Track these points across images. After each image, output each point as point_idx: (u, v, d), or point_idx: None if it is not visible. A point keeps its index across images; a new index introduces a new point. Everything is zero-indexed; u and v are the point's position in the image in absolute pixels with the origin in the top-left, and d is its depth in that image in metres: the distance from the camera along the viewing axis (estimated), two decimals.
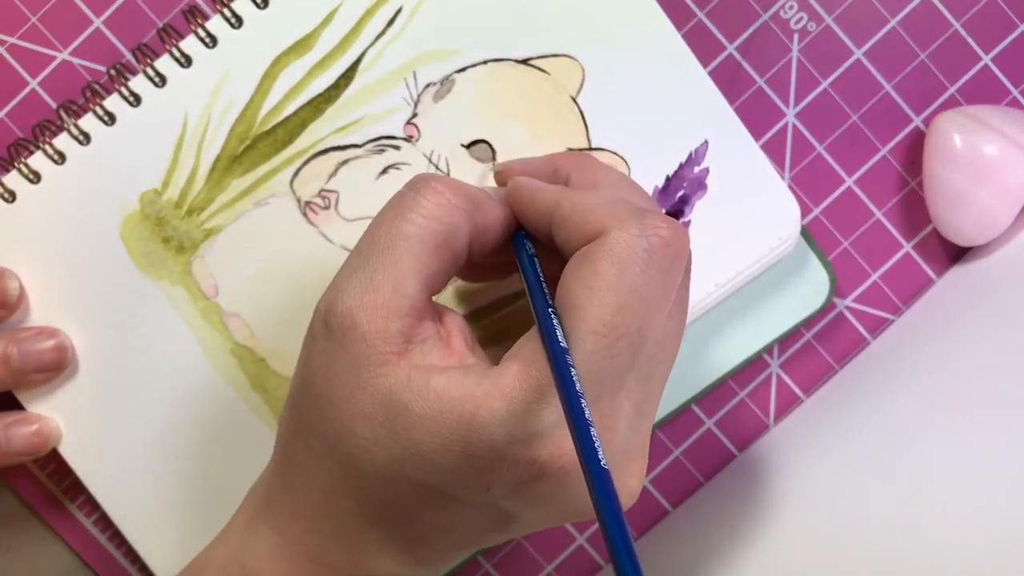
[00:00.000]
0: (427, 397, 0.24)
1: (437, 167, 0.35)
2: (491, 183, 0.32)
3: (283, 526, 0.27)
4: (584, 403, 0.22)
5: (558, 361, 0.23)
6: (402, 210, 0.26)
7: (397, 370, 0.25)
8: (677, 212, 0.35)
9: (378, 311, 0.25)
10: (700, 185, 0.35)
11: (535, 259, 0.27)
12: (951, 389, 0.33)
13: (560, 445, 0.24)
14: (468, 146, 0.34)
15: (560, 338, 0.24)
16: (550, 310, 0.25)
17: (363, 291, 0.25)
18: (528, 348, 0.25)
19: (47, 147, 0.34)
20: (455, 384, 0.24)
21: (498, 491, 0.25)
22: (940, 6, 0.37)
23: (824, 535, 0.32)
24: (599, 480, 0.21)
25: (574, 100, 0.35)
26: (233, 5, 0.34)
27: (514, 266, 0.28)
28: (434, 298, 0.27)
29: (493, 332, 0.33)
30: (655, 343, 0.26)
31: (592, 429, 0.22)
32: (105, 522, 0.38)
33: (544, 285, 0.26)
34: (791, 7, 0.37)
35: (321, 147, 0.35)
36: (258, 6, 0.34)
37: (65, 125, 0.34)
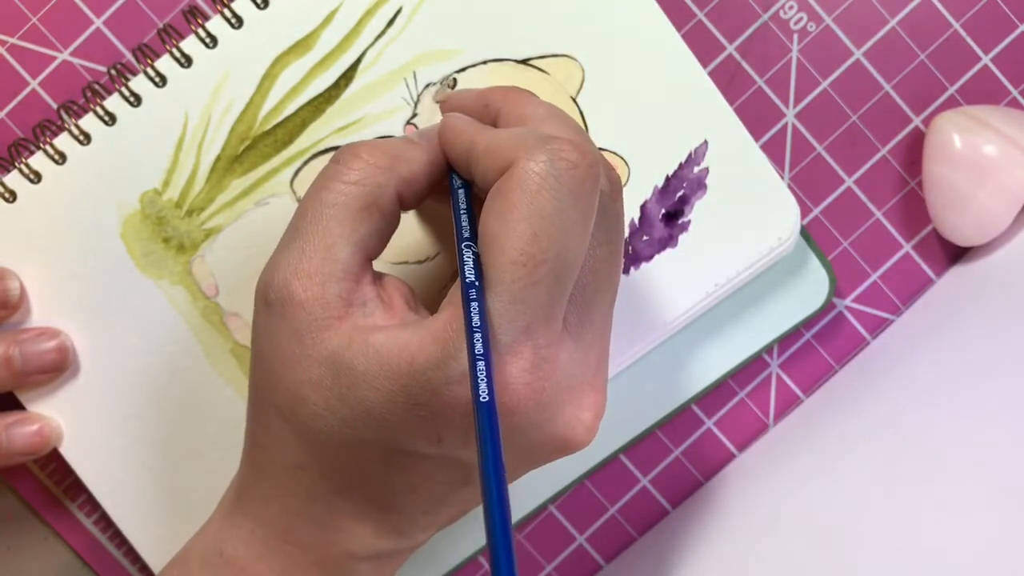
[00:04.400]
0: (367, 353, 0.25)
1: None
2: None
3: (256, 511, 0.27)
4: (479, 337, 0.23)
5: (464, 295, 0.24)
6: (324, 181, 0.26)
7: (339, 333, 0.25)
8: (677, 212, 0.35)
9: (313, 278, 0.25)
10: (700, 185, 0.35)
11: (460, 193, 0.27)
12: (951, 389, 0.33)
13: (500, 381, 0.24)
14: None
15: (469, 271, 0.24)
16: (463, 244, 0.25)
17: (296, 262, 0.26)
18: (458, 291, 0.25)
19: (47, 147, 0.34)
20: (393, 338, 0.25)
21: (451, 440, 0.25)
22: (940, 6, 0.37)
23: (823, 534, 0.32)
24: (480, 408, 0.22)
25: (574, 100, 0.35)
26: (233, 5, 0.34)
27: None
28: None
29: None
30: (586, 270, 0.26)
31: (480, 362, 0.22)
32: (105, 522, 0.38)
33: (470, 219, 0.26)
34: (791, 7, 0.37)
35: (321, 147, 0.35)
36: (258, 6, 0.34)
37: (65, 125, 0.34)
